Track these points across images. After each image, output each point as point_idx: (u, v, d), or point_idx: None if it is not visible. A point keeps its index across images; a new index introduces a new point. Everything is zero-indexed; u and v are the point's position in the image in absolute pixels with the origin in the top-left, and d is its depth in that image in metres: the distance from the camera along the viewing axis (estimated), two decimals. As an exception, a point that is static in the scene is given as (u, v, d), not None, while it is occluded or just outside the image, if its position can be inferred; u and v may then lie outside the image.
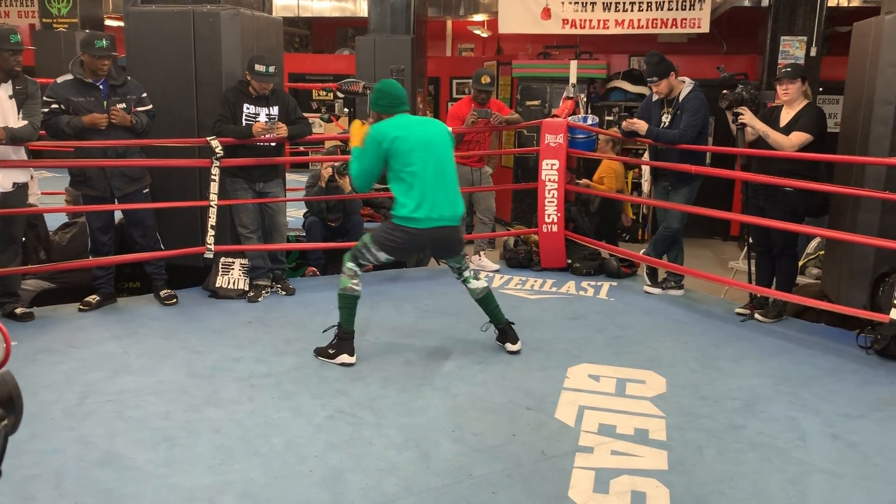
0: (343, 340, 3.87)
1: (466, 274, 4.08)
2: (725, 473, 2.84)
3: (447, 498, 2.62)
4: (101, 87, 4.47)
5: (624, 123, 5.24)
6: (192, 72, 5.00)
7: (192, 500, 2.58)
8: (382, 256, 3.86)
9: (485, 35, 12.23)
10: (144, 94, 4.64)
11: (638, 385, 3.64)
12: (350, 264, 3.85)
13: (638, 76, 9.43)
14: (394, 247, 3.83)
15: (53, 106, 4.36)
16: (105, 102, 4.45)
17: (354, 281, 3.83)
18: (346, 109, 11.54)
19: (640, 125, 5.07)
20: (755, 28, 9.44)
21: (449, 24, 13.06)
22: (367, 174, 3.79)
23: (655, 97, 5.16)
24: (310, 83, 11.13)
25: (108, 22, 11.73)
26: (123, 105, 4.50)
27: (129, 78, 4.62)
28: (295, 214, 6.92)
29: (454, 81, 11.73)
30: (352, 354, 3.85)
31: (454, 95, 11.53)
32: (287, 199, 5.65)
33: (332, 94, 11.70)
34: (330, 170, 5.88)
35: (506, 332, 4.09)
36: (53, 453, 2.87)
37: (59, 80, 4.47)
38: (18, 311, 4.43)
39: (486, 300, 4.09)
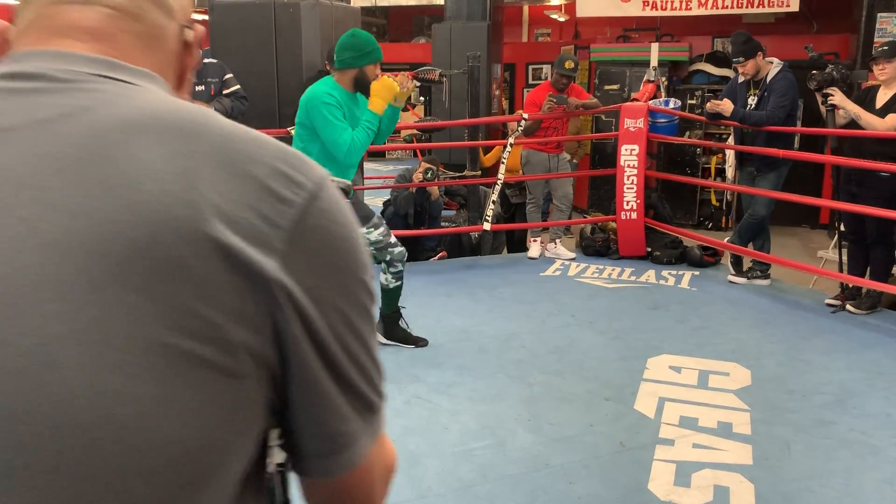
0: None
1: None
2: (815, 470, 2.73)
3: (523, 486, 2.61)
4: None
5: (708, 105, 5.08)
6: (272, 62, 5.12)
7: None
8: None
9: (562, 19, 12.05)
10: (229, 76, 4.69)
11: (721, 377, 3.54)
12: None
13: (722, 58, 9.10)
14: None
15: None
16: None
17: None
18: (421, 98, 11.60)
19: (726, 106, 4.90)
20: (848, 5, 8.98)
21: (525, 8, 12.92)
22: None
23: (741, 79, 4.97)
24: (386, 72, 11.22)
25: (192, 15, 12.12)
26: (202, 87, 4.62)
27: (206, 60, 4.60)
28: (372, 202, 7.00)
29: (530, 67, 11.61)
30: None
31: (530, 81, 11.42)
32: (366, 187, 5.72)
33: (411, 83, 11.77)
34: (420, 176, 5.76)
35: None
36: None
37: None
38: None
39: None
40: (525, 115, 5.51)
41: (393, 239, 3.70)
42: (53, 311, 0.51)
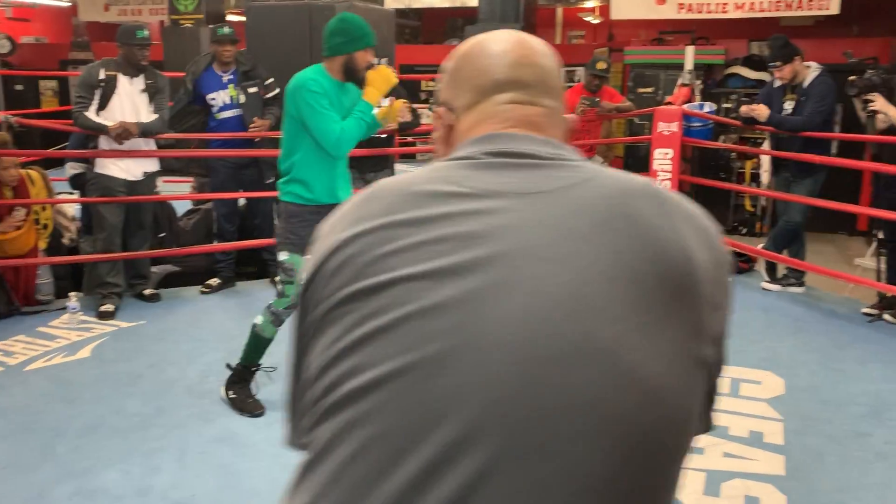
0: None
1: None
2: (848, 483, 2.68)
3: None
4: (230, 76, 4.74)
5: (742, 109, 5.01)
6: (307, 64, 5.15)
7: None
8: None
9: (596, 21, 11.99)
10: (270, 80, 4.86)
11: (753, 386, 3.49)
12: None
13: (758, 62, 8.97)
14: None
15: None
16: (233, 87, 4.72)
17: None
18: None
19: (761, 111, 4.83)
20: (889, 8, 8.79)
21: (559, 11, 12.87)
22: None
23: (778, 83, 4.90)
24: (419, 74, 11.25)
25: (229, 17, 12.27)
26: (255, 89, 4.75)
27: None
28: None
29: (562, 70, 11.58)
30: None
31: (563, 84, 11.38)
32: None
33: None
34: None
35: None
36: (177, 428, 3.05)
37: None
38: (147, 292, 4.73)
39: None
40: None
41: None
42: (619, 315, 0.74)
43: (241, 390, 3.27)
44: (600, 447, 0.71)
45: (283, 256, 3.21)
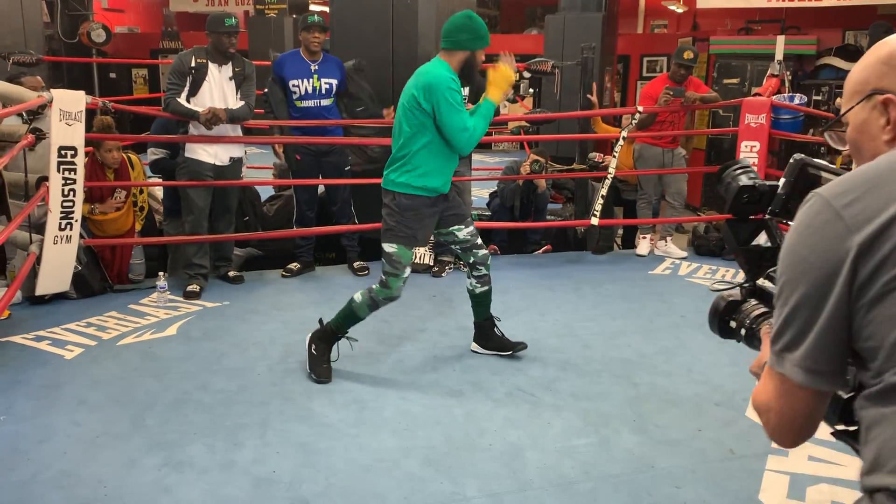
0: None
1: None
2: (945, 495, 2.55)
3: (628, 487, 2.57)
4: (317, 65, 4.83)
5: (838, 101, 4.80)
6: (389, 52, 5.22)
7: (378, 460, 2.72)
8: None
9: (680, 10, 11.68)
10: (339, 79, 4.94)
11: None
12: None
13: (854, 52, 8.56)
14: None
15: None
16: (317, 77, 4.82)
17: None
18: (531, 90, 11.52)
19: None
20: None
21: (642, 0, 12.60)
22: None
23: (877, 74, 4.67)
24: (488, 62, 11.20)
25: (312, 6, 12.49)
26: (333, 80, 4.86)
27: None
28: (479, 194, 7.03)
29: (644, 59, 11.32)
30: None
31: (644, 74, 11.13)
32: (473, 178, 5.74)
33: (518, 74, 11.72)
34: (528, 168, 5.73)
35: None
36: (259, 405, 3.14)
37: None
38: (231, 274, 4.88)
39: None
40: (640, 108, 5.38)
41: (479, 241, 3.55)
42: None
43: (322, 350, 3.41)
44: None
45: (390, 248, 3.27)
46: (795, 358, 0.98)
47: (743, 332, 1.34)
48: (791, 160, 1.31)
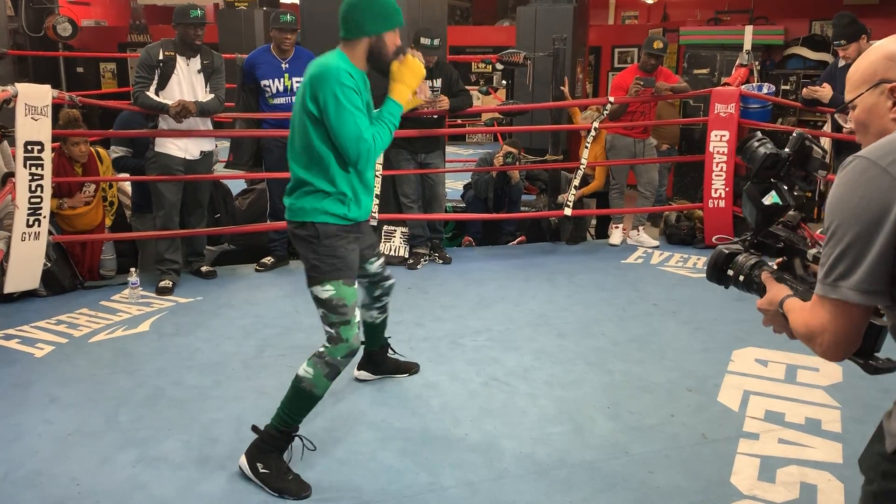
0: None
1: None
2: (910, 473, 2.61)
3: (602, 473, 2.60)
4: (287, 64, 4.79)
5: (805, 90, 4.87)
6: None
7: (355, 453, 2.73)
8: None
9: (650, 1, 11.76)
10: None
11: (810, 372, 3.42)
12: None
13: (820, 42, 8.70)
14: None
15: None
16: (287, 76, 4.77)
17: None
18: (503, 81, 11.52)
19: (824, 92, 4.69)
20: (963, -16, 8.42)
21: (613, -9, 12.67)
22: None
23: (842, 63, 4.75)
24: (470, 55, 11.20)
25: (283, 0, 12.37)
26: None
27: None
28: (452, 185, 7.03)
29: (616, 50, 11.38)
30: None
31: (615, 65, 11.20)
32: (447, 170, 5.75)
33: (490, 66, 11.73)
34: (501, 159, 5.73)
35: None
36: (234, 400, 3.13)
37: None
38: (204, 269, 4.84)
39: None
40: (611, 99, 5.41)
41: (387, 271, 3.04)
42: None
43: (273, 463, 2.50)
44: None
45: (326, 292, 2.51)
46: (851, 283, 1.19)
47: (741, 278, 1.57)
48: (793, 134, 1.60)
